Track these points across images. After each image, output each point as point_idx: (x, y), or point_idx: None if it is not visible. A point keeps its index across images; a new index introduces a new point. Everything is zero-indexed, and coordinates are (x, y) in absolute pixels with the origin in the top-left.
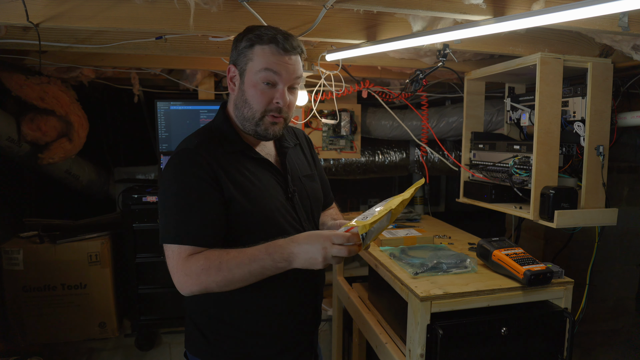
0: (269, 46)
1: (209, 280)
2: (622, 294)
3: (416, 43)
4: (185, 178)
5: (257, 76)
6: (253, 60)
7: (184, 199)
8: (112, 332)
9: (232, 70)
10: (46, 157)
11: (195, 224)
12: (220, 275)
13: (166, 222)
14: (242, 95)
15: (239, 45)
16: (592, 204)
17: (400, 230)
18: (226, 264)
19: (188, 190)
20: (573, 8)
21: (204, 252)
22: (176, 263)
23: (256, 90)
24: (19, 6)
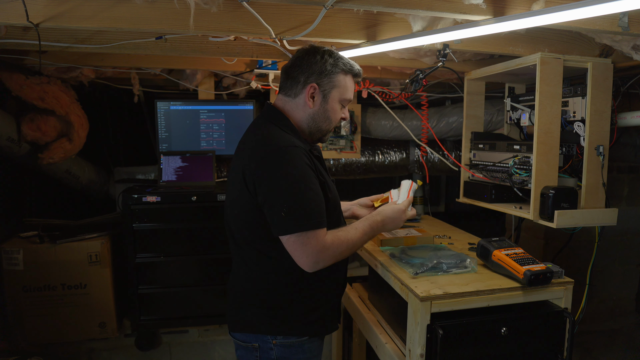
0: (350, 76)
1: (340, 256)
2: (622, 294)
3: (416, 43)
4: (304, 171)
5: (342, 102)
6: (339, 87)
7: (309, 189)
8: (112, 332)
9: (315, 90)
10: (46, 157)
11: (320, 209)
12: (349, 249)
13: (298, 213)
14: (325, 112)
15: (323, 67)
16: (592, 204)
17: (400, 230)
18: (351, 240)
19: (309, 181)
20: (573, 8)
21: (334, 233)
22: (315, 246)
23: (336, 111)
24: (19, 6)
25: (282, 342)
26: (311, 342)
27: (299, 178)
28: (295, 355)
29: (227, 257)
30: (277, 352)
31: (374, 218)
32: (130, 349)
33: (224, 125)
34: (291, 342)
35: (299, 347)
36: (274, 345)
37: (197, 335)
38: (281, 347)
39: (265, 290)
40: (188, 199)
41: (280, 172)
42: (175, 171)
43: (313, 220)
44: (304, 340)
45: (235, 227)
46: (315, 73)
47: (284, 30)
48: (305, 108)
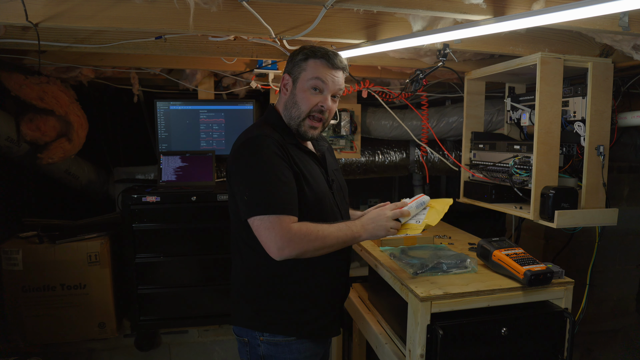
0: (320, 60)
1: (308, 246)
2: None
3: (416, 43)
4: (270, 157)
5: (308, 83)
6: (306, 71)
7: (274, 175)
8: (111, 333)
9: (286, 78)
10: (45, 157)
11: (287, 196)
12: (317, 242)
13: (259, 195)
14: (293, 98)
15: (295, 58)
16: (593, 204)
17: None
18: (322, 233)
19: (276, 167)
20: (573, 8)
21: (303, 223)
22: (278, 231)
23: (305, 94)
24: (18, 6)
25: (268, 339)
26: (300, 343)
27: (262, 164)
28: (282, 354)
29: (226, 257)
30: (264, 349)
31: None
32: (130, 349)
33: (223, 125)
34: (278, 340)
35: (286, 346)
36: (261, 342)
37: (197, 335)
38: (268, 345)
39: (255, 285)
40: (188, 199)
41: (246, 160)
42: (175, 171)
43: (277, 205)
44: (292, 340)
45: (231, 222)
46: (289, 65)
47: (284, 30)
48: (282, 99)
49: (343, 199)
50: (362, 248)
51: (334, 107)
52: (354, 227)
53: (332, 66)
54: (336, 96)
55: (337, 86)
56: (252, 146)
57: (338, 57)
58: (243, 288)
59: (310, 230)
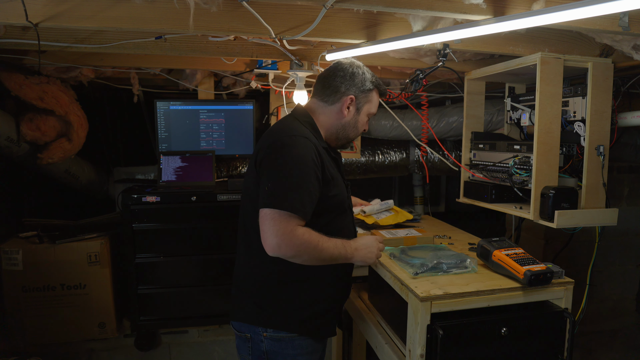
0: (378, 95)
1: (304, 253)
2: (622, 294)
3: (416, 43)
4: (306, 161)
5: (369, 113)
6: (371, 103)
7: (302, 178)
8: (111, 333)
9: (352, 101)
10: (45, 157)
11: (305, 200)
12: (315, 252)
13: (278, 190)
14: (355, 122)
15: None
16: (593, 204)
17: (400, 230)
18: (321, 245)
19: (306, 172)
20: (573, 8)
21: (308, 230)
22: (283, 228)
23: (364, 123)
24: (18, 6)
25: (272, 335)
26: (303, 339)
27: (295, 163)
28: (285, 350)
29: (226, 257)
30: (267, 344)
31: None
32: (130, 349)
33: (223, 125)
34: (281, 336)
35: (289, 342)
36: (264, 338)
37: (197, 335)
38: (271, 341)
39: (261, 281)
40: (188, 199)
41: (281, 154)
42: (175, 171)
43: (292, 203)
44: (294, 336)
45: (245, 214)
46: (355, 86)
47: (284, 30)
48: (340, 116)
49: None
50: None
51: None
52: (349, 248)
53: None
54: None
55: None
56: (293, 144)
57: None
58: (248, 284)
59: (312, 239)
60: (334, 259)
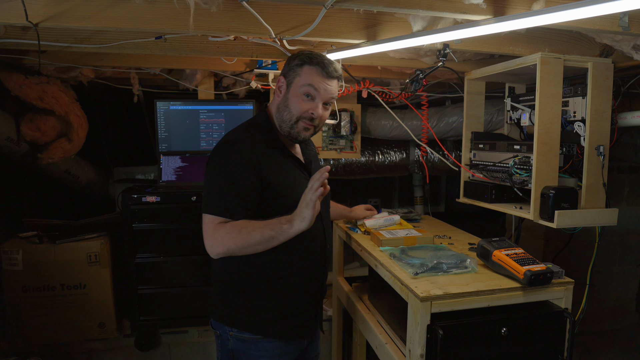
0: (315, 67)
1: (230, 243)
2: (622, 294)
3: (416, 43)
4: (231, 165)
5: (301, 89)
6: (300, 76)
7: (227, 181)
8: (111, 333)
9: (281, 81)
10: (45, 157)
11: (231, 202)
12: (239, 238)
13: (209, 197)
14: (286, 101)
15: (291, 62)
16: (593, 204)
17: (400, 230)
18: (245, 229)
19: (232, 175)
20: (573, 8)
21: (234, 222)
22: (208, 229)
23: (297, 99)
24: (18, 6)
25: (237, 335)
26: (268, 342)
27: (223, 170)
28: (249, 351)
29: None
30: (233, 343)
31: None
32: (130, 349)
33: (223, 125)
34: (245, 337)
35: (252, 343)
36: (230, 337)
37: (197, 335)
38: (236, 340)
39: (226, 281)
40: (188, 199)
41: (211, 162)
42: (175, 171)
43: (216, 208)
44: (258, 338)
45: None
46: (286, 68)
47: (284, 30)
48: (276, 100)
49: (325, 202)
50: (362, 248)
51: (326, 114)
52: (284, 220)
53: (327, 75)
54: (328, 104)
55: (330, 95)
56: (223, 151)
57: (333, 66)
58: (218, 283)
59: (234, 227)
60: (273, 238)
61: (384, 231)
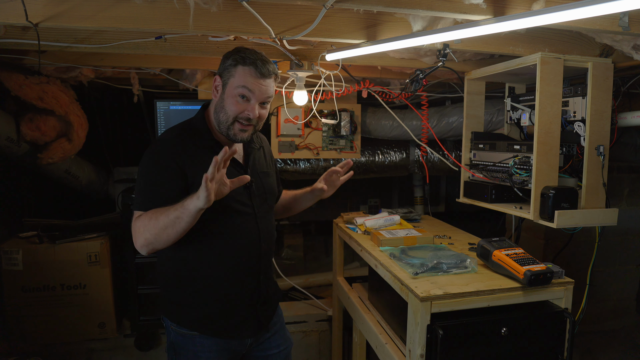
0: (249, 68)
1: (146, 232)
2: (622, 294)
3: (416, 43)
4: (153, 164)
5: (236, 90)
6: (234, 77)
7: (148, 179)
8: (111, 333)
9: (217, 80)
10: (45, 157)
11: (149, 197)
12: (150, 224)
13: (135, 195)
14: (222, 102)
15: (226, 62)
16: (593, 204)
17: (400, 230)
18: (154, 215)
19: (153, 173)
20: (573, 8)
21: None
22: (133, 224)
23: (232, 101)
24: (18, 6)
25: (176, 329)
26: (204, 338)
27: (146, 168)
28: (187, 345)
29: None
30: (174, 336)
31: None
32: (130, 349)
33: None
34: (183, 332)
35: (190, 338)
36: (172, 330)
37: None
38: (176, 334)
39: (164, 277)
40: None
41: (141, 163)
42: None
43: (137, 203)
44: (195, 334)
45: None
46: (221, 66)
47: (284, 30)
48: (213, 101)
49: (264, 198)
50: (362, 248)
51: (265, 112)
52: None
53: (261, 75)
54: (265, 103)
55: (265, 94)
56: (149, 151)
57: (267, 66)
58: (159, 279)
59: (147, 217)
60: (177, 218)
61: (384, 231)
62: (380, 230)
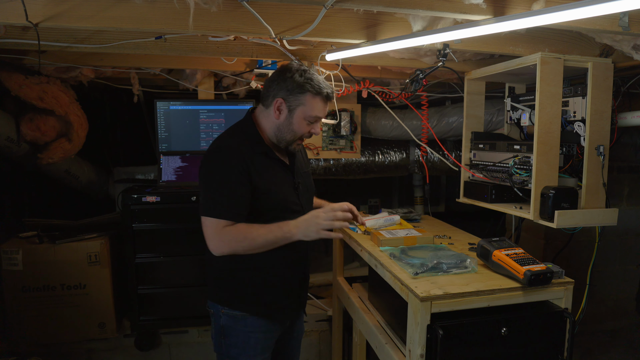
0: (320, 97)
1: (237, 245)
2: (622, 294)
3: (416, 43)
4: (226, 169)
5: (308, 118)
6: (305, 105)
7: (224, 185)
8: (111, 333)
9: (282, 105)
10: (45, 157)
11: (230, 205)
12: (246, 242)
13: (208, 200)
14: (289, 125)
15: (290, 85)
16: (593, 204)
17: (400, 230)
18: (250, 234)
19: (227, 178)
20: (573, 8)
21: (235, 225)
22: (214, 231)
23: (302, 124)
24: (18, 6)
25: (228, 312)
26: (254, 319)
27: (219, 175)
28: (238, 326)
29: None
30: (224, 320)
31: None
32: (130, 350)
33: (223, 125)
34: (235, 314)
35: (242, 320)
36: (222, 314)
37: (197, 335)
38: (227, 317)
39: (218, 267)
40: (188, 199)
41: (206, 167)
42: (175, 171)
43: (216, 210)
44: (247, 315)
45: None
46: (283, 89)
47: (284, 30)
48: (273, 119)
49: (308, 198)
50: (362, 248)
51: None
52: (286, 227)
53: (328, 100)
54: None
55: (325, 113)
56: (217, 156)
57: (330, 89)
58: (213, 269)
59: (239, 232)
60: (275, 242)
61: (384, 231)
62: (380, 230)
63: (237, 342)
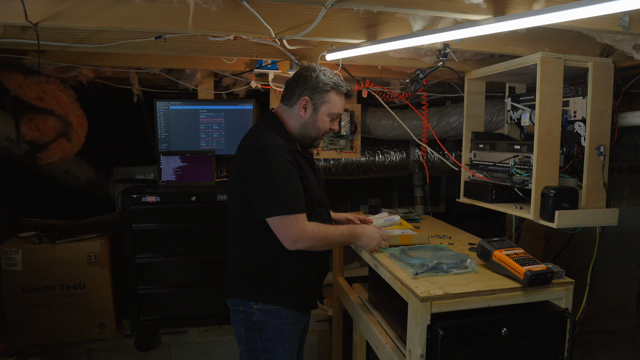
0: (342, 95)
1: (317, 243)
2: (622, 294)
3: (416, 43)
4: (286, 165)
5: (331, 115)
6: (329, 103)
7: (290, 181)
8: (111, 333)
9: (308, 103)
10: (45, 157)
11: (298, 197)
12: (324, 241)
13: (278, 199)
14: (314, 122)
15: (315, 84)
16: (593, 204)
17: (396, 229)
18: (329, 235)
19: (290, 174)
20: (573, 8)
21: (315, 223)
22: (296, 227)
23: (325, 120)
24: (17, 5)
25: (261, 307)
26: (288, 311)
27: (279, 172)
28: (273, 320)
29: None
30: (258, 315)
31: (356, 228)
32: (130, 350)
33: (223, 125)
34: (270, 308)
35: (276, 313)
36: (255, 310)
37: (197, 335)
38: (261, 312)
39: (252, 264)
40: (187, 199)
41: (264, 167)
42: (175, 171)
43: (291, 206)
44: (281, 308)
45: (231, 214)
46: (309, 88)
47: (284, 29)
48: (298, 117)
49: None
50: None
51: None
52: (354, 233)
53: (348, 97)
54: None
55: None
56: (269, 155)
57: (350, 87)
58: (238, 266)
59: (320, 230)
60: (340, 244)
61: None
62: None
63: (273, 336)
